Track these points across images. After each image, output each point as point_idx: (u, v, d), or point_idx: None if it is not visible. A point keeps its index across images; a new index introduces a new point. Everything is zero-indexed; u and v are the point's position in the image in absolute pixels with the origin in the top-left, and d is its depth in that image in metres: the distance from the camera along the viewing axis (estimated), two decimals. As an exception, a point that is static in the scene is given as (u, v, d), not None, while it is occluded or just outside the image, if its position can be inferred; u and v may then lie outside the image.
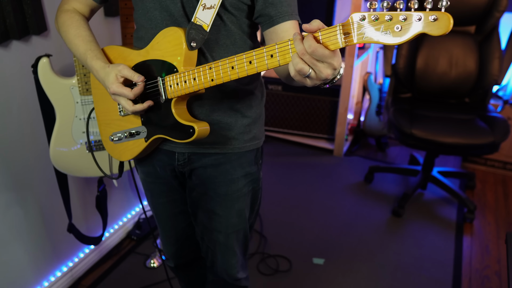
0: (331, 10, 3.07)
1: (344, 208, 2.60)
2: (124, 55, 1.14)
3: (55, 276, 1.93)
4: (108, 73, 1.08)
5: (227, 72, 0.95)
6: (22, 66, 1.57)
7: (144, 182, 1.36)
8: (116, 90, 1.06)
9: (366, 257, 2.21)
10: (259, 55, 0.90)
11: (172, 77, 1.03)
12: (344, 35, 0.79)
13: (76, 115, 1.58)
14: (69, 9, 1.18)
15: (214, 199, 1.24)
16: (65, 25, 1.16)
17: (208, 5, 1.00)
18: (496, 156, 2.97)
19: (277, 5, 1.04)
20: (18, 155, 1.64)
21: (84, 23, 1.18)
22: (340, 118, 3.09)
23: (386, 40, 0.76)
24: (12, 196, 1.66)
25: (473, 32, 2.57)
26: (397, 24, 0.74)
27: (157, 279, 2.03)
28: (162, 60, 1.05)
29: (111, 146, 1.25)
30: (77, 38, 1.14)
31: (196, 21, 1.01)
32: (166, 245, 1.47)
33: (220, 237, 1.29)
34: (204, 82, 0.99)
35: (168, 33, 1.03)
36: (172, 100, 1.06)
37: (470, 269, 2.17)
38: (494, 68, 2.45)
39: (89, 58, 1.12)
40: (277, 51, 0.87)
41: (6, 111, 1.56)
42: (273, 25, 1.06)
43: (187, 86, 1.02)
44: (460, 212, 2.58)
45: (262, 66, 0.91)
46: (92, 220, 2.06)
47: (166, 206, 1.36)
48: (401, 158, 3.21)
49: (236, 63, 0.93)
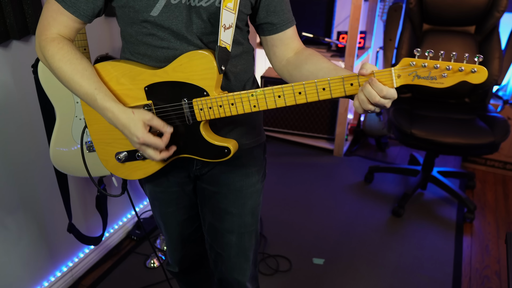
0: (331, 10, 3.07)
1: (344, 208, 2.60)
2: (132, 74, 1.06)
3: (55, 276, 1.93)
4: (135, 120, 1.00)
5: (273, 100, 0.99)
6: (22, 66, 1.57)
7: (151, 193, 1.31)
8: (148, 140, 1.00)
9: (366, 257, 2.21)
10: (310, 87, 0.95)
11: (203, 100, 1.02)
12: (398, 77, 0.89)
13: (76, 115, 1.58)
14: (54, 38, 1.03)
15: (227, 197, 1.24)
16: (56, 60, 1.02)
17: (227, 25, 1.01)
18: (496, 156, 2.97)
19: (279, 13, 1.10)
20: (18, 155, 1.64)
21: (78, 54, 1.04)
22: (340, 118, 3.09)
23: (432, 84, 0.88)
24: (12, 196, 1.66)
25: (473, 32, 2.57)
26: (443, 72, 0.86)
27: (157, 279, 2.03)
28: (188, 83, 1.03)
29: (114, 165, 1.18)
30: (76, 75, 1.02)
31: (222, 44, 1.01)
32: (172, 252, 1.44)
33: (233, 238, 1.27)
34: (245, 108, 1.01)
35: (196, 57, 1.01)
36: (200, 122, 1.06)
37: (470, 269, 2.17)
38: (494, 68, 2.45)
39: (99, 99, 1.02)
40: (330, 86, 0.94)
41: (6, 111, 1.56)
42: (277, 32, 1.12)
43: (223, 111, 1.03)
44: (460, 212, 2.58)
45: (313, 98, 0.96)
46: (92, 220, 2.06)
47: (175, 215, 1.33)
48: (401, 158, 3.21)
49: (283, 93, 0.97)
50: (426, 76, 0.88)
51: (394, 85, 0.90)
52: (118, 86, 1.07)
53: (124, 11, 1.03)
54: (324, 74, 1.02)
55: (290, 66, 1.13)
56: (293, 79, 1.10)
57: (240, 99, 1.00)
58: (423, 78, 0.88)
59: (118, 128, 1.03)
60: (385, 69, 0.89)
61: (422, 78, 0.88)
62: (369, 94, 0.89)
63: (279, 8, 1.10)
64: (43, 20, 1.04)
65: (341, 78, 0.93)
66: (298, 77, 1.08)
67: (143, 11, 1.01)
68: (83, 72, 1.02)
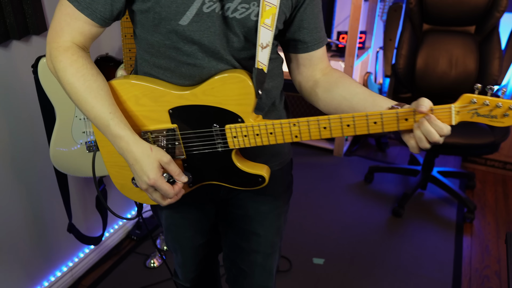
0: (331, 10, 3.07)
1: (344, 208, 2.60)
2: (154, 95, 0.95)
3: (55, 276, 1.93)
4: (151, 157, 0.90)
5: (317, 131, 0.91)
6: (22, 66, 1.57)
7: (168, 219, 1.21)
8: (159, 184, 0.90)
9: (366, 257, 2.21)
10: (360, 120, 0.88)
11: (238, 128, 0.94)
12: (456, 113, 0.85)
13: (76, 115, 1.58)
14: (68, 47, 0.91)
15: (255, 219, 1.18)
16: (68, 74, 0.90)
17: (264, 44, 0.92)
18: (496, 156, 2.97)
19: (312, 30, 1.00)
20: (18, 155, 1.64)
21: (94, 70, 0.92)
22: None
23: (492, 123, 0.85)
24: (12, 196, 1.66)
25: (473, 32, 2.57)
26: (506, 111, 0.83)
27: (157, 279, 2.03)
28: (221, 108, 0.93)
29: (131, 189, 1.06)
30: (89, 95, 0.90)
31: (259, 65, 0.92)
32: (185, 272, 1.35)
33: (258, 257, 1.22)
34: (286, 138, 0.93)
35: (231, 80, 0.92)
36: (232, 150, 0.97)
37: (470, 269, 2.17)
38: (494, 68, 2.45)
39: (113, 125, 0.90)
40: (382, 120, 0.87)
41: (6, 111, 1.56)
42: (307, 51, 1.02)
43: (260, 140, 0.94)
44: (460, 212, 2.58)
45: (363, 131, 0.89)
46: (92, 220, 2.06)
47: (192, 239, 1.24)
48: (401, 158, 3.20)
49: (330, 124, 0.90)
50: (486, 114, 0.84)
51: (453, 122, 0.85)
52: (137, 107, 0.96)
53: (147, 17, 0.92)
54: (359, 100, 0.96)
55: (320, 88, 1.04)
56: (323, 102, 1.03)
57: (280, 128, 0.92)
58: (483, 116, 0.84)
59: (128, 160, 0.92)
60: (444, 106, 0.84)
61: (482, 116, 0.84)
62: (428, 133, 0.83)
63: (313, 25, 1.00)
64: (55, 25, 0.91)
65: (396, 113, 0.86)
66: (329, 101, 1.01)
67: (170, 18, 0.89)
68: (98, 92, 0.90)
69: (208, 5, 0.88)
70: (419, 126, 0.84)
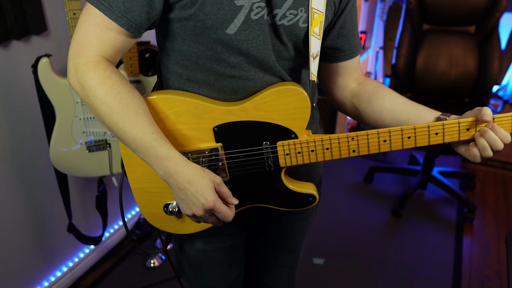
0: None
1: (344, 208, 2.60)
2: (197, 112, 0.87)
3: (55, 276, 1.93)
4: (205, 178, 0.81)
5: (377, 145, 0.87)
6: (22, 66, 1.57)
7: (200, 253, 1.07)
8: (219, 206, 0.82)
9: (366, 257, 2.21)
10: (421, 132, 0.86)
11: (292, 144, 0.88)
12: None
13: (76, 115, 1.58)
14: (98, 62, 0.80)
15: (288, 236, 1.16)
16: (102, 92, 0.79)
17: (314, 54, 0.88)
18: (496, 156, 2.97)
19: (350, 38, 0.96)
20: (18, 155, 1.64)
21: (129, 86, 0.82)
22: (340, 118, 3.09)
23: None
24: (12, 196, 1.66)
25: (473, 32, 2.57)
26: None
27: (157, 279, 2.03)
28: (273, 124, 0.87)
29: (162, 217, 0.96)
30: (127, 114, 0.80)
31: (312, 77, 0.88)
32: None
33: (284, 271, 1.22)
34: (343, 153, 0.89)
35: (287, 93, 0.85)
36: (282, 169, 0.91)
37: (470, 269, 2.17)
38: (494, 68, 2.45)
39: (158, 146, 0.80)
40: (444, 131, 0.87)
41: (6, 111, 1.56)
42: (343, 60, 0.98)
43: (314, 157, 0.89)
44: (460, 212, 2.58)
45: (423, 142, 0.88)
46: (92, 220, 2.06)
47: (226, 274, 1.14)
48: (401, 158, 3.20)
49: (390, 137, 0.87)
50: None
51: None
52: (177, 126, 0.88)
53: (186, 26, 0.82)
54: (401, 110, 0.94)
55: (357, 99, 1.00)
56: (361, 113, 1.00)
57: (337, 143, 0.87)
58: None
59: (177, 184, 0.81)
60: (505, 115, 0.85)
61: None
62: (493, 142, 0.83)
63: (351, 32, 0.95)
64: (80, 37, 0.80)
65: (457, 122, 0.85)
66: (369, 112, 0.98)
67: (216, 27, 0.80)
68: (136, 111, 0.80)
69: (256, 11, 0.82)
70: (482, 135, 0.84)
